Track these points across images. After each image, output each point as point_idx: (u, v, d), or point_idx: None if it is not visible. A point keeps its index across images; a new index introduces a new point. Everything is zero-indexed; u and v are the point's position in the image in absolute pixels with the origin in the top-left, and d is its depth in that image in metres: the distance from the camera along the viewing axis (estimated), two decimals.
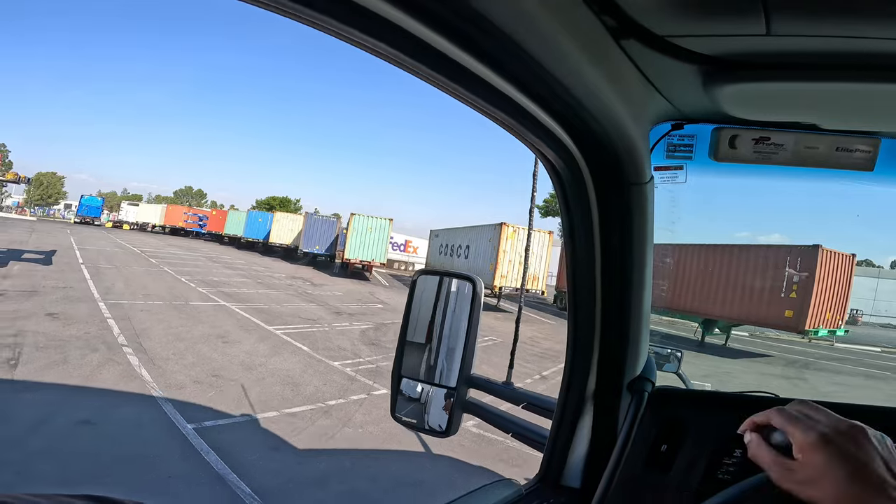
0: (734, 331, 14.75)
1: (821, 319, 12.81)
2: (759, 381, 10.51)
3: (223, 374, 7.03)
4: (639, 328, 1.12)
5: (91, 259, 19.20)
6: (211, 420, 5.30)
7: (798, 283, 12.69)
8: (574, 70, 0.68)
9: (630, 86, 0.80)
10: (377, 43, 0.52)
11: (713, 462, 0.99)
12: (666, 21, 0.68)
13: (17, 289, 11.22)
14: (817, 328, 12.85)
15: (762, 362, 13.13)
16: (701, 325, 14.51)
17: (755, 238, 13.42)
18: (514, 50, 0.59)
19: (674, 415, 1.07)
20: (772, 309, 13.22)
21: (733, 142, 0.97)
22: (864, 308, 19.41)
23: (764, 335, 15.38)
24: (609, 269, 1.04)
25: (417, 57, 0.55)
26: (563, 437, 1.17)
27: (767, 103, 0.87)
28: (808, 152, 0.96)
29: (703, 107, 0.92)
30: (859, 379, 11.33)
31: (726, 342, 14.48)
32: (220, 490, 3.99)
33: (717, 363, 12.12)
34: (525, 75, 0.64)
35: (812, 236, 12.08)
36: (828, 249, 12.93)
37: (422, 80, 0.61)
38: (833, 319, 13.12)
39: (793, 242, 13.74)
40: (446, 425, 1.24)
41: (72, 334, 7.92)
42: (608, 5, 0.62)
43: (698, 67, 0.77)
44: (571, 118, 0.78)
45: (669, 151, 1.04)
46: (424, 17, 0.50)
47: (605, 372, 1.14)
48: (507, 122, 0.75)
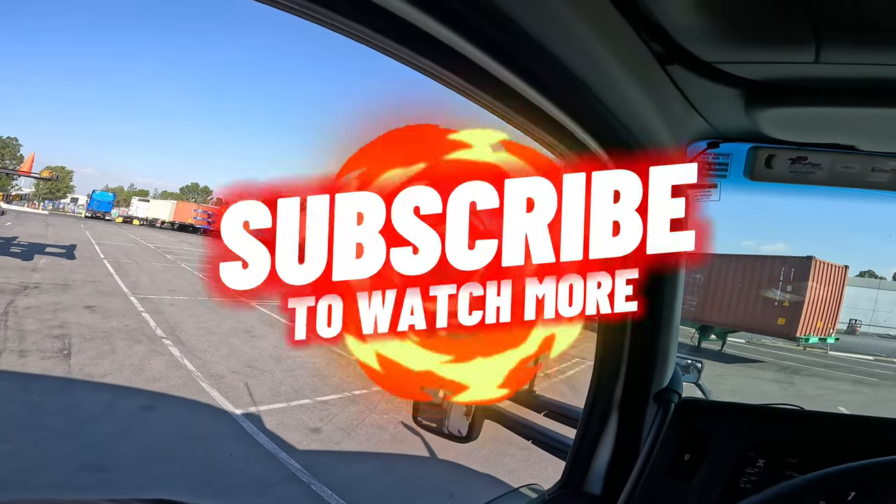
0: (730, 337, 15.35)
1: (811, 327, 13.44)
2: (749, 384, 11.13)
3: (257, 364, 7.68)
4: (668, 341, 1.14)
5: (110, 254, 19.86)
6: (254, 406, 5.94)
7: (791, 292, 13.31)
8: (619, 93, 0.70)
9: (670, 107, 0.83)
10: (442, 70, 0.55)
11: (736, 472, 1.00)
12: (714, 48, 0.69)
13: (50, 282, 11.83)
14: (808, 335, 13.48)
15: (755, 367, 13.74)
16: (697, 330, 15.12)
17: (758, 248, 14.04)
18: (563, 72, 0.61)
19: (698, 425, 1.09)
20: (765, 316, 13.83)
21: (770, 161, 0.98)
22: (863, 318, 19.93)
23: (760, 342, 15.97)
24: (641, 284, 1.21)
25: (475, 82, 0.56)
26: (588, 445, 1.18)
27: (808, 126, 0.88)
28: (844, 172, 0.96)
29: (740, 127, 0.93)
30: (846, 384, 11.93)
31: (722, 348, 15.07)
32: (275, 466, 4.63)
33: (710, 367, 12.69)
34: (571, 97, 0.66)
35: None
36: (821, 261, 13.55)
37: (469, 99, 0.61)
38: (824, 328, 13.75)
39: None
40: (467, 431, 1.26)
41: (113, 326, 8.56)
42: (658, 32, 0.64)
43: (741, 91, 0.79)
44: (612, 138, 0.80)
45: (704, 170, 1.04)
46: (483, 43, 0.51)
47: (632, 382, 1.15)
48: (547, 140, 0.76)
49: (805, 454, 0.98)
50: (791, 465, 0.98)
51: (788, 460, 0.98)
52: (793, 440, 1.02)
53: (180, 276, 16.71)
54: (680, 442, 1.06)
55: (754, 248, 14.38)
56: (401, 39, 0.48)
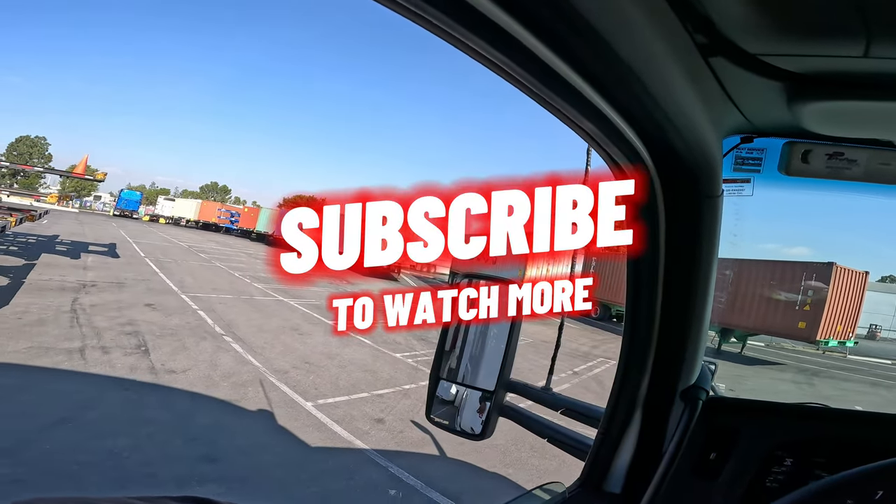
0: (749, 340, 15.74)
1: (832, 331, 13.81)
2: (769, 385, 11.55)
3: (311, 360, 8.34)
4: (697, 339, 1.12)
5: (149, 252, 20.78)
6: (322, 398, 6.59)
7: (812, 296, 13.69)
8: (661, 83, 0.70)
9: (710, 99, 0.81)
10: (495, 53, 0.55)
11: (762, 470, 0.99)
12: (759, 39, 0.69)
13: (104, 280, 12.59)
14: (828, 339, 13.85)
15: (775, 369, 14.14)
16: (718, 333, 15.53)
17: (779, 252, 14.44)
18: (609, 58, 0.60)
19: (725, 423, 1.08)
20: (787, 320, 14.24)
21: (806, 157, 0.97)
22: (883, 323, 20.04)
23: (779, 345, 16.32)
24: (672, 279, 1.05)
25: (499, 47, 0.56)
26: (610, 442, 1.17)
27: (850, 120, 0.87)
28: (881, 168, 0.95)
29: (777, 121, 0.92)
30: (864, 386, 12.28)
31: (742, 350, 15.47)
32: (355, 453, 5.27)
33: (731, 368, 13.18)
34: (608, 79, 0.66)
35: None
36: (842, 266, 13.90)
37: (504, 79, 0.62)
38: (843, 331, 14.11)
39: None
40: (481, 428, 1.26)
41: (177, 324, 9.28)
42: (703, 23, 0.64)
43: (783, 84, 0.78)
44: (649, 127, 0.79)
45: (738, 164, 1.03)
46: (526, 21, 0.51)
47: (658, 380, 1.14)
48: (583, 125, 0.76)
49: (833, 453, 0.98)
50: (819, 464, 0.98)
51: (816, 459, 0.98)
52: (821, 439, 1.01)
53: (219, 275, 17.53)
54: (706, 440, 1.06)
55: (776, 252, 14.57)
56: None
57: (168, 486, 4.08)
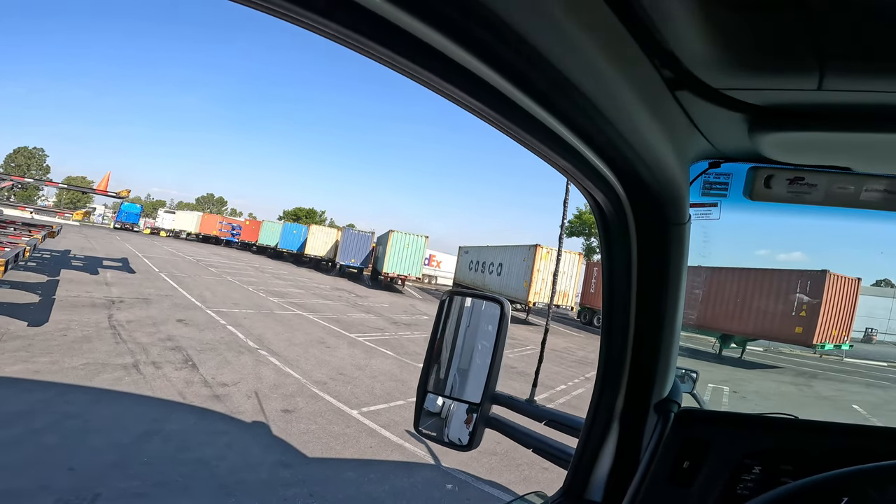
0: (749, 345, 16.38)
1: (827, 335, 14.52)
2: (770, 387, 12.15)
3: (345, 372, 8.84)
4: (668, 353, 1.18)
5: (162, 267, 21.17)
6: (364, 406, 7.10)
7: (807, 303, 14.40)
8: (628, 116, 0.73)
9: (677, 130, 0.85)
10: (445, 84, 0.55)
11: (733, 478, 1.04)
12: (722, 75, 0.72)
13: (130, 296, 12.95)
14: (823, 342, 14.56)
15: (774, 372, 14.78)
16: (718, 339, 16.14)
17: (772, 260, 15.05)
18: (574, 96, 0.62)
19: (696, 434, 1.12)
20: (784, 326, 14.94)
21: (769, 181, 1.01)
22: (879, 327, 20.62)
23: (777, 350, 16.93)
24: (643, 300, 1.11)
25: (476, 95, 0.57)
26: (590, 452, 1.22)
27: (807, 149, 0.91)
28: (840, 192, 0.99)
29: (742, 148, 0.96)
30: (859, 387, 12.85)
31: (742, 355, 16.08)
32: (403, 454, 5.79)
33: (732, 372, 13.79)
34: (581, 119, 0.68)
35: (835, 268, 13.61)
36: (835, 274, 14.64)
37: (472, 115, 0.63)
38: (838, 335, 14.82)
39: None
40: (468, 439, 1.28)
41: (212, 339, 9.73)
42: (669, 59, 0.67)
43: (745, 115, 0.82)
44: (619, 160, 0.83)
45: (705, 189, 1.08)
46: (487, 58, 0.52)
47: (633, 393, 1.19)
48: (558, 162, 0.79)
49: (800, 461, 1.02)
50: (786, 471, 1.02)
51: (783, 467, 1.02)
52: (788, 448, 1.05)
53: (234, 289, 17.97)
54: (679, 450, 1.09)
55: (770, 258, 14.90)
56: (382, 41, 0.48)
57: (256, 488, 4.45)
